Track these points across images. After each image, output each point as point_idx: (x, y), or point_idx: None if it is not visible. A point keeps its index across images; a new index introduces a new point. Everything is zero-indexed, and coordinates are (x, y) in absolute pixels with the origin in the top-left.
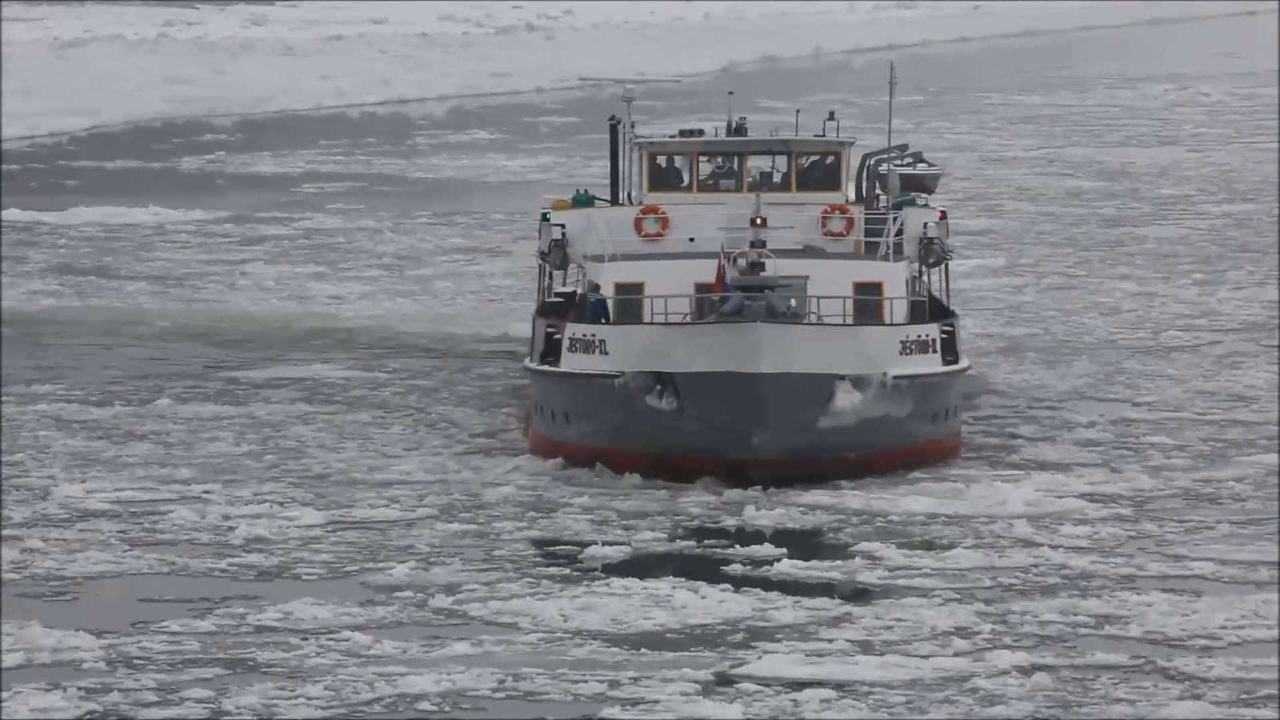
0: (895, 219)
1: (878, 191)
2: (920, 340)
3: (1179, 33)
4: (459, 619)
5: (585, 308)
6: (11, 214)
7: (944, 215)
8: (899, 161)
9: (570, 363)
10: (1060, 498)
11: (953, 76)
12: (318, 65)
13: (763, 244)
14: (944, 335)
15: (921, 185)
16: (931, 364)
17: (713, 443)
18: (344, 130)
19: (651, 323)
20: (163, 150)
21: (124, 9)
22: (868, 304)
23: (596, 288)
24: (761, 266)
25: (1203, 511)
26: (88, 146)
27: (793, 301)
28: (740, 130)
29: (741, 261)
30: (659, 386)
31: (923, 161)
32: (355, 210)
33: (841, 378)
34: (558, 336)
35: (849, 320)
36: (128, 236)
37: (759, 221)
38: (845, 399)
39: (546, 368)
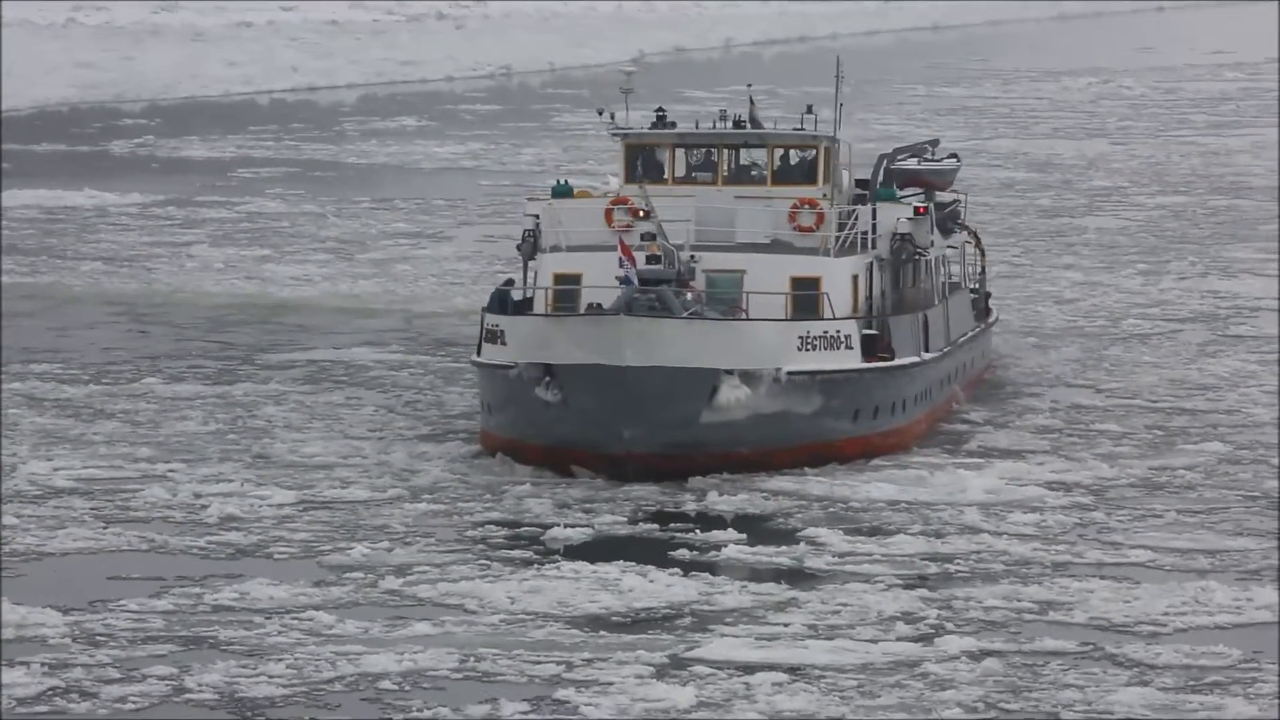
0: (853, 214)
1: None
2: (828, 336)
3: (1088, 28)
4: (410, 601)
5: (494, 298)
6: None
7: (924, 211)
8: (904, 157)
9: (485, 354)
10: (1022, 485)
11: (870, 69)
12: (225, 51)
13: (653, 237)
14: (870, 332)
15: (919, 180)
16: (845, 360)
17: (590, 436)
18: (270, 116)
19: (537, 314)
20: (86, 134)
21: None
22: (805, 299)
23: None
24: (659, 259)
25: (1163, 500)
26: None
27: (689, 295)
28: (755, 122)
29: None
30: (547, 378)
31: (952, 157)
32: (295, 195)
33: (729, 373)
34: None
35: (786, 315)
36: (68, 219)
37: (640, 214)
38: (730, 394)
39: (474, 359)
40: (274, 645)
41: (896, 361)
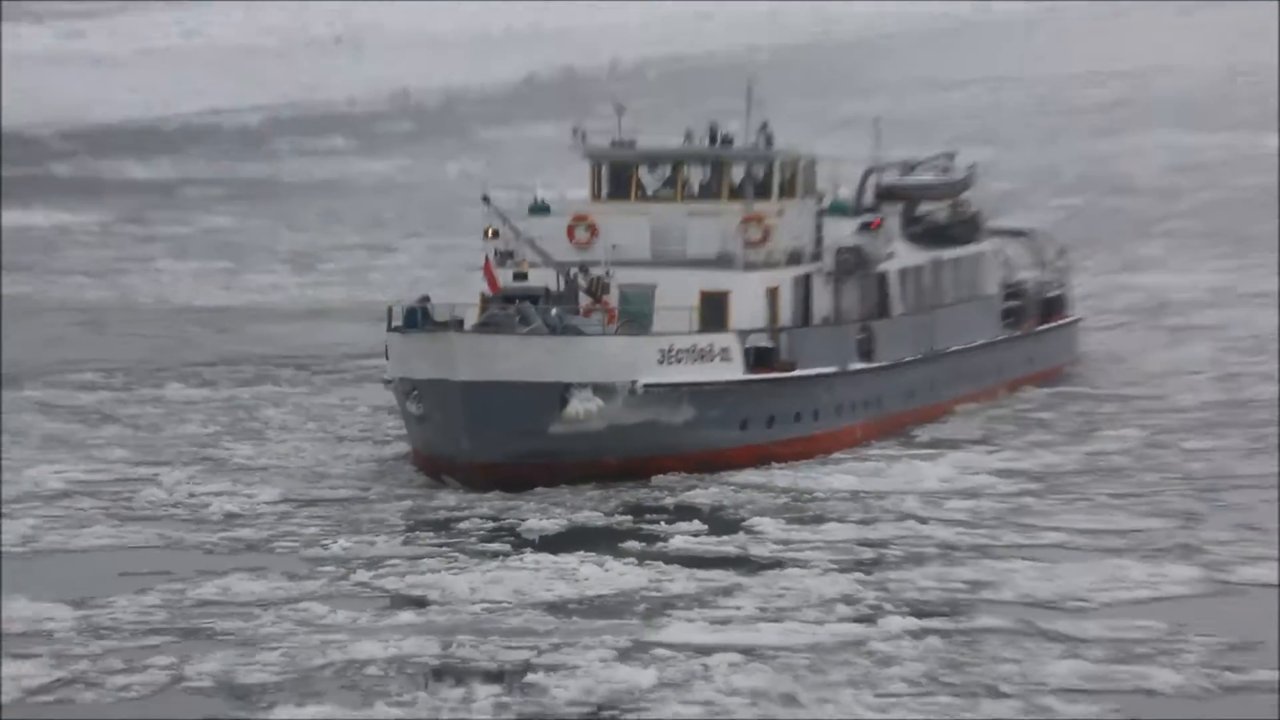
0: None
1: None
2: (698, 349)
3: (965, 39)
4: (378, 592)
5: (405, 313)
6: None
7: (879, 224)
8: (919, 170)
9: (387, 368)
10: (974, 474)
11: (757, 84)
12: (129, 77)
13: (510, 255)
14: (764, 345)
15: (898, 193)
16: (720, 372)
17: (444, 447)
18: (193, 138)
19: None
20: (12, 158)
21: None
22: (713, 313)
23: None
24: (524, 276)
25: (1106, 484)
26: None
27: (554, 311)
28: (726, 141)
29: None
30: (415, 391)
31: (972, 167)
32: (241, 211)
33: (583, 385)
34: None
35: (694, 329)
36: (28, 236)
37: (489, 234)
38: (581, 406)
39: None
40: (267, 635)
41: (794, 373)
